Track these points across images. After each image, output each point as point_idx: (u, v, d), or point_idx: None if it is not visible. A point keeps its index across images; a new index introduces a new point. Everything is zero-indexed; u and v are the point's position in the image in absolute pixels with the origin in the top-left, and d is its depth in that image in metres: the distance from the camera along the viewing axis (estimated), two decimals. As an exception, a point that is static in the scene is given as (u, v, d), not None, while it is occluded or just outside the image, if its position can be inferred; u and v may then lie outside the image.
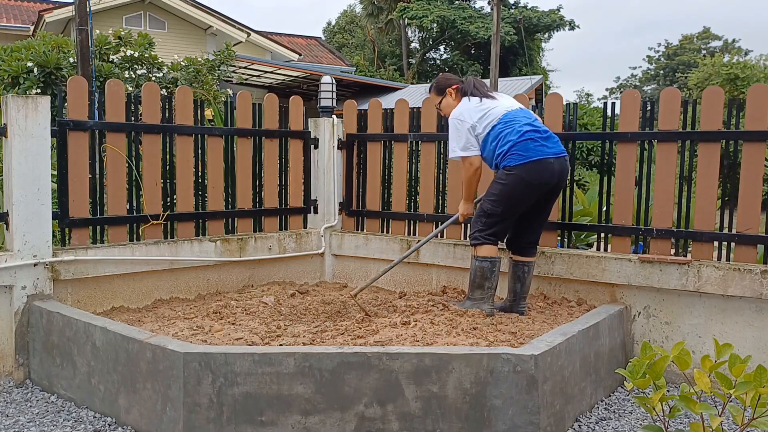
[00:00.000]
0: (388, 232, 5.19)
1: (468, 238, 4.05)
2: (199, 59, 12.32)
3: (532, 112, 4.12)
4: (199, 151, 4.66)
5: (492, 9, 18.86)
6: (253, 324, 3.75)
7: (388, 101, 13.27)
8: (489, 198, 3.85)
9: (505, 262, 4.12)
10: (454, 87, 4.07)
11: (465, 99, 3.98)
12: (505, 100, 4.00)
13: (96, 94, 4.21)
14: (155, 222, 4.41)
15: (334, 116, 5.46)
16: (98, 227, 4.26)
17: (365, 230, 5.32)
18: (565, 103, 4.45)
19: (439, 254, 4.78)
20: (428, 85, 4.22)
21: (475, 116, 3.87)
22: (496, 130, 3.81)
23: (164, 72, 11.43)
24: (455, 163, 4.80)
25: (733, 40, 45.17)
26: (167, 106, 4.50)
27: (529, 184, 3.73)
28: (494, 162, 3.85)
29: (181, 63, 11.91)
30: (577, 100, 44.36)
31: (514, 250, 4.02)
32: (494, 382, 2.86)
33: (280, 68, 19.02)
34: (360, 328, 3.62)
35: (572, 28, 32.06)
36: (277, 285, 4.88)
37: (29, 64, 10.05)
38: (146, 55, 11.23)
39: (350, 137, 5.36)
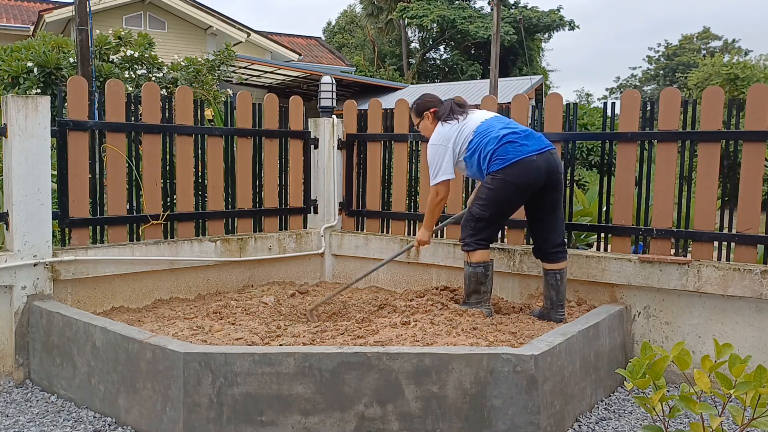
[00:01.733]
0: (388, 232, 5.19)
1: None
2: (199, 59, 12.31)
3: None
4: (199, 151, 4.66)
5: (492, 9, 18.87)
6: (253, 324, 3.75)
7: (388, 101, 13.27)
8: (477, 202, 3.84)
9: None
10: (431, 111, 4.05)
11: (439, 125, 3.97)
12: (479, 112, 4.02)
13: (96, 94, 4.21)
14: (155, 222, 4.41)
15: (334, 116, 5.46)
16: (98, 227, 4.26)
17: (365, 230, 5.32)
18: (565, 103, 4.45)
19: (438, 254, 4.78)
20: (411, 105, 4.28)
21: (451, 138, 3.89)
22: (474, 143, 3.83)
23: (164, 72, 11.43)
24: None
25: (733, 40, 45.18)
26: (167, 106, 4.50)
27: (516, 186, 3.71)
28: (483, 174, 3.84)
29: (181, 63, 11.90)
30: (577, 100, 44.37)
31: (543, 258, 3.95)
32: (494, 382, 2.86)
33: (280, 68, 19.02)
34: (360, 328, 3.62)
35: (572, 28, 32.09)
36: (277, 285, 4.88)
37: (29, 64, 10.05)
38: (146, 55, 11.22)
39: (350, 137, 5.36)
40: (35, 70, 10.05)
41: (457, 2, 32.07)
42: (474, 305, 3.88)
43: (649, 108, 4.16)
